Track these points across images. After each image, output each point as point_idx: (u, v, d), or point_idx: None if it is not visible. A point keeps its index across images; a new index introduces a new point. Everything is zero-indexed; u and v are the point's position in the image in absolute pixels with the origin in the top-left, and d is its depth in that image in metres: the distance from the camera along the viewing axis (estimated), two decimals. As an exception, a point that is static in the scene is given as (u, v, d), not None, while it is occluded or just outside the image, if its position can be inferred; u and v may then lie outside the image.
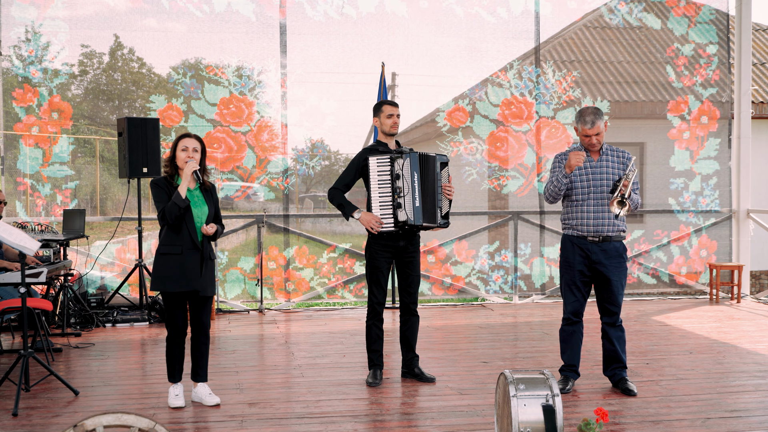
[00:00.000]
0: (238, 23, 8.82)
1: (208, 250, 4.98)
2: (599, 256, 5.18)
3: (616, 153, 5.29)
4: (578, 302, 5.27)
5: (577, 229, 5.22)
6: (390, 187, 5.38)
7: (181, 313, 4.98)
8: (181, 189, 4.85)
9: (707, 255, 9.81)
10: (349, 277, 9.21)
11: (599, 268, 5.19)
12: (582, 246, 5.21)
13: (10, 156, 8.50)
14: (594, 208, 5.17)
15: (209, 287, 4.99)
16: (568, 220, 5.29)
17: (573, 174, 5.21)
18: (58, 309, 7.65)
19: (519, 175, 9.37)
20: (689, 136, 9.72)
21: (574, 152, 5.13)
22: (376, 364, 5.57)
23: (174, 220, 4.84)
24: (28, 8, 8.42)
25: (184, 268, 4.86)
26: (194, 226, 4.89)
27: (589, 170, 5.21)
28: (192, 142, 4.97)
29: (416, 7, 9.23)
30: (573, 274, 5.24)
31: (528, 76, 9.39)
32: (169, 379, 5.08)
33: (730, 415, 4.77)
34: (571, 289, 5.27)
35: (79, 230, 7.84)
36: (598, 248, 5.18)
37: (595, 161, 5.23)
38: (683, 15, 9.76)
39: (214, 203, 5.05)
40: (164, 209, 4.83)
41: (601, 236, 5.17)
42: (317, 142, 9.14)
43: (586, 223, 5.18)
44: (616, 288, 5.22)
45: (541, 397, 3.68)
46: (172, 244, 4.89)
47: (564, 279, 5.31)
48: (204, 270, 4.92)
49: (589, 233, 5.18)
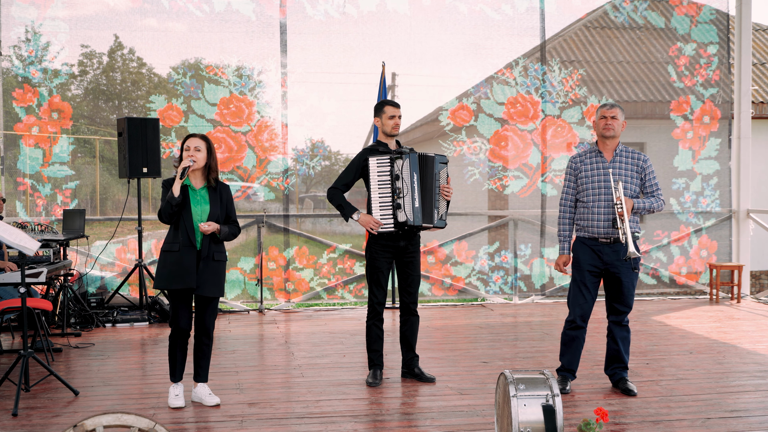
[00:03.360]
0: (238, 23, 8.82)
1: (211, 250, 4.95)
2: (611, 257, 5.14)
3: (631, 154, 5.22)
4: (587, 304, 5.21)
5: (588, 230, 5.18)
6: (390, 188, 5.38)
7: (183, 312, 4.97)
8: (175, 187, 4.86)
9: (707, 255, 9.81)
10: (349, 278, 9.21)
11: (611, 270, 5.16)
12: (593, 247, 5.18)
13: (10, 156, 8.50)
14: (605, 209, 5.12)
15: (208, 287, 4.94)
16: (579, 221, 5.25)
17: (584, 176, 5.20)
18: (58, 309, 7.65)
19: (522, 175, 9.36)
20: (693, 135, 9.72)
21: (563, 258, 5.25)
22: (376, 364, 5.57)
23: (168, 218, 4.87)
24: (28, 8, 8.42)
25: (180, 265, 4.88)
26: (192, 224, 4.91)
27: (600, 171, 5.16)
28: (194, 142, 4.97)
29: (418, 5, 9.22)
30: (583, 274, 5.20)
31: (534, 73, 9.37)
32: (170, 378, 5.09)
33: (730, 415, 4.76)
34: (581, 290, 5.22)
35: (79, 230, 7.84)
36: (610, 249, 5.15)
37: (608, 162, 5.20)
38: (685, 14, 9.75)
39: (223, 203, 5.03)
40: (160, 208, 4.89)
41: (613, 238, 5.13)
42: (317, 142, 9.13)
43: (597, 225, 5.14)
44: (627, 289, 5.19)
45: (541, 397, 3.68)
46: (172, 242, 4.93)
47: (574, 278, 5.27)
48: (200, 268, 4.91)
49: (600, 235, 5.14)
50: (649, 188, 5.24)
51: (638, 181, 5.21)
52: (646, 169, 5.23)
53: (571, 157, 5.36)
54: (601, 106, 5.23)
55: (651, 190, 5.23)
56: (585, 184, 5.20)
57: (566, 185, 5.32)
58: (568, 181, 5.32)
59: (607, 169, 5.15)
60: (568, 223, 5.31)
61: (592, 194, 5.17)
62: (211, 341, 5.13)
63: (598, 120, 5.21)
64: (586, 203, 5.20)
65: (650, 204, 5.16)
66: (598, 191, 5.15)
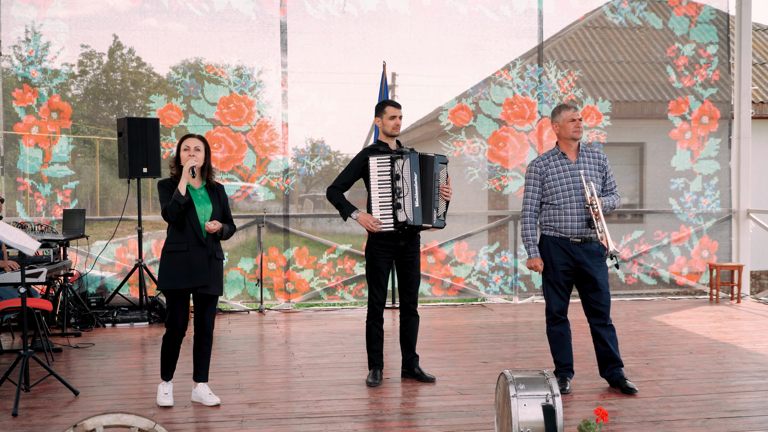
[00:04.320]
0: (238, 22, 8.82)
1: (213, 249, 5.00)
2: (582, 257, 5.19)
3: (592, 153, 5.33)
4: (564, 301, 5.30)
5: (560, 231, 5.21)
6: (390, 188, 5.39)
7: (182, 312, 4.99)
8: (181, 186, 4.87)
9: (708, 255, 9.81)
10: (349, 278, 9.21)
11: (584, 268, 5.20)
12: (564, 247, 5.22)
13: (10, 156, 8.50)
14: (578, 210, 5.17)
15: (214, 286, 5.00)
16: (550, 222, 5.27)
17: (551, 179, 5.23)
18: (58, 309, 7.64)
19: (520, 175, 9.36)
20: (691, 136, 9.72)
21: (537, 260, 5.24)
22: (376, 364, 5.57)
23: (175, 217, 4.87)
24: (28, 8, 8.42)
25: (190, 264, 4.89)
26: (198, 223, 4.93)
27: (568, 172, 5.22)
28: (193, 142, 4.99)
29: (419, 5, 9.21)
30: (557, 274, 5.24)
31: (531, 75, 9.38)
32: (162, 376, 5.10)
33: (730, 415, 4.76)
34: (555, 288, 5.27)
35: (79, 230, 7.84)
36: (581, 249, 5.19)
37: (573, 163, 5.23)
38: (684, 15, 9.76)
39: (221, 203, 5.07)
40: (166, 207, 4.87)
41: (583, 237, 5.19)
42: (318, 141, 9.13)
43: (571, 225, 5.18)
44: (603, 287, 5.24)
45: (541, 397, 3.68)
46: (178, 242, 4.92)
47: (547, 279, 5.30)
48: (210, 267, 4.94)
49: (573, 235, 5.19)
50: (609, 186, 5.34)
51: (601, 180, 5.31)
52: (607, 167, 5.35)
53: (533, 161, 5.37)
54: (566, 108, 5.24)
55: (610, 188, 5.34)
56: (554, 187, 5.23)
57: (531, 189, 5.33)
58: (533, 185, 5.32)
59: (575, 170, 5.20)
60: (534, 226, 5.36)
61: (563, 196, 5.19)
62: (211, 340, 5.14)
63: (566, 123, 5.23)
64: (557, 205, 5.22)
65: (612, 201, 5.29)
66: (568, 192, 5.19)
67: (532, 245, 5.31)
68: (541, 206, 5.33)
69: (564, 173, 5.22)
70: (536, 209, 5.33)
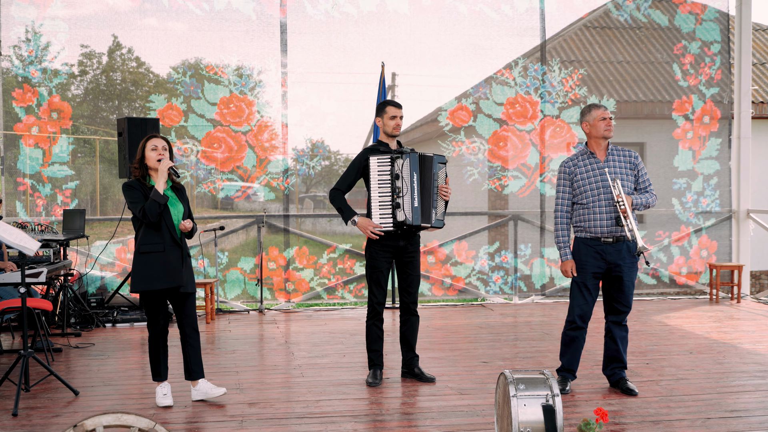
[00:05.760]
0: (238, 22, 8.82)
1: (186, 248, 5.07)
2: (614, 257, 5.14)
3: (623, 152, 5.26)
4: (587, 306, 5.22)
5: (590, 231, 5.17)
6: (390, 187, 5.39)
7: (161, 312, 5.04)
8: (158, 186, 4.86)
9: (708, 255, 9.81)
10: (349, 278, 9.21)
11: (615, 269, 5.16)
12: (596, 248, 5.17)
13: (10, 156, 8.50)
14: (606, 209, 5.12)
15: (191, 283, 5.06)
16: (580, 223, 5.23)
17: (580, 178, 5.20)
18: (58, 309, 7.64)
19: (521, 175, 9.36)
20: (693, 135, 9.71)
21: (569, 263, 5.19)
22: (376, 364, 5.57)
23: (156, 217, 4.84)
24: (28, 8, 8.42)
25: (167, 264, 4.89)
26: (173, 223, 4.95)
27: (596, 171, 5.17)
28: (161, 142, 4.99)
29: (418, 5, 9.21)
30: (585, 275, 5.19)
31: (533, 74, 9.36)
32: (154, 378, 5.11)
33: (730, 415, 4.76)
34: (581, 291, 5.22)
35: (79, 230, 7.84)
36: (613, 248, 5.15)
37: (602, 161, 5.20)
38: (690, 12, 9.74)
39: (185, 202, 5.11)
40: (144, 208, 4.83)
41: (615, 236, 5.14)
42: (317, 142, 9.12)
43: (601, 224, 5.13)
44: (628, 287, 5.20)
45: (541, 397, 3.68)
46: (153, 243, 4.90)
47: (574, 280, 5.26)
48: (183, 265, 4.99)
49: (603, 234, 5.14)
50: (643, 185, 5.27)
51: (633, 179, 5.25)
52: (639, 165, 5.27)
53: (563, 161, 5.34)
54: (596, 107, 5.21)
55: (644, 186, 5.27)
56: (582, 186, 5.20)
57: (561, 190, 5.31)
58: (563, 186, 5.30)
59: (602, 168, 5.16)
60: (567, 227, 5.30)
61: (591, 195, 5.17)
62: (199, 335, 5.16)
63: (597, 122, 5.19)
64: (586, 204, 5.19)
65: (646, 200, 5.21)
66: (597, 192, 5.15)
67: (563, 248, 5.26)
68: (572, 207, 5.31)
69: (592, 172, 5.18)
70: (568, 210, 5.28)
